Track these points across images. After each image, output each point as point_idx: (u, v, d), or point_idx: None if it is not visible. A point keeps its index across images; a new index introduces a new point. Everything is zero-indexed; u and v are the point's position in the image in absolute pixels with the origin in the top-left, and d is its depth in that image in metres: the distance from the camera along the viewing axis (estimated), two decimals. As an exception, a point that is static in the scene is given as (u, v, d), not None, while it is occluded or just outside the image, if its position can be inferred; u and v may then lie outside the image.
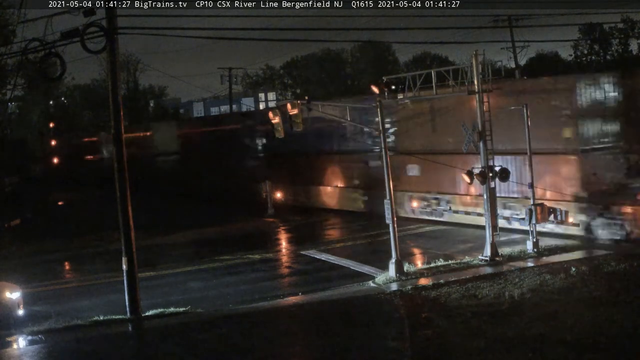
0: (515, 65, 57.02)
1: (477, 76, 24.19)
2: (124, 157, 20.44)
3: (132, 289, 20.24)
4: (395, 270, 22.60)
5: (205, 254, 29.21)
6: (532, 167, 25.38)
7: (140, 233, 21.81)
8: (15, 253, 31.77)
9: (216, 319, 19.55)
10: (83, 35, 18.62)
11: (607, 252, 23.88)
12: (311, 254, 27.97)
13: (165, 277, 25.59)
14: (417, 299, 20.18)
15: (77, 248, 33.12)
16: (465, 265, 23.55)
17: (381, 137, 23.62)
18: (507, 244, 25.96)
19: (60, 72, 20.28)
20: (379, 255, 25.29)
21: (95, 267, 28.00)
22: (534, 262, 23.42)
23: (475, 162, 25.21)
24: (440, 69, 26.30)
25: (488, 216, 24.26)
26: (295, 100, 25.14)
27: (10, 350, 18.11)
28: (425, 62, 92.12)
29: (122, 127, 20.53)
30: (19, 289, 20.46)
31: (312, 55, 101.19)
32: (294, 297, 21.69)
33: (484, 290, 20.09)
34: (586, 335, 15.72)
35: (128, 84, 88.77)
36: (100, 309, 20.73)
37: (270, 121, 24.21)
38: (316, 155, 40.30)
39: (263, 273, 25.48)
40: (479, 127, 24.27)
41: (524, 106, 25.50)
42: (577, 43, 78.23)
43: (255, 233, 34.73)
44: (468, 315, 17.88)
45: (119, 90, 20.56)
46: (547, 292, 19.44)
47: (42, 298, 22.84)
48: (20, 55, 20.08)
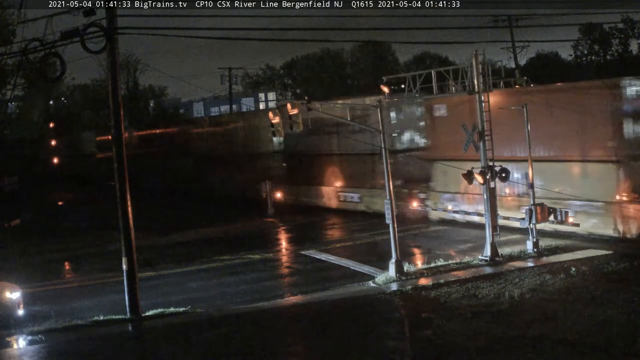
0: (515, 65, 57.04)
1: (477, 76, 24.19)
2: (124, 157, 20.44)
3: (132, 289, 20.24)
4: (395, 270, 22.61)
5: (205, 254, 29.21)
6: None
7: (140, 233, 21.81)
8: (15, 253, 31.75)
9: (216, 319, 19.55)
10: (83, 35, 18.61)
11: (607, 252, 23.88)
12: (311, 254, 27.98)
13: (165, 277, 25.59)
14: (417, 299, 20.18)
15: (77, 248, 33.11)
16: (465, 265, 23.56)
17: (381, 137, 23.62)
18: (507, 244, 25.96)
19: (60, 72, 20.26)
20: (380, 254, 25.33)
21: (95, 267, 27.99)
22: (534, 262, 23.43)
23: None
24: (440, 69, 26.31)
25: (488, 216, 24.26)
26: (295, 100, 25.15)
27: (10, 350, 18.10)
28: (425, 62, 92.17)
29: (122, 127, 20.54)
30: (19, 289, 20.46)
31: (312, 55, 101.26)
32: (294, 297, 21.70)
33: (484, 290, 20.10)
34: (586, 335, 15.73)
35: (128, 84, 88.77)
36: (100, 309, 20.73)
37: (270, 121, 24.23)
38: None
39: (263, 273, 25.48)
40: (479, 128, 24.29)
41: (524, 106, 25.51)
42: (577, 43, 78.23)
43: (256, 233, 34.75)
44: (468, 315, 17.88)
45: (119, 90, 20.56)
46: (547, 292, 19.45)
47: (42, 298, 22.83)
48: (20, 55, 20.02)
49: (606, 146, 26.02)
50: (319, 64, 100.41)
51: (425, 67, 61.68)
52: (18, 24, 26.06)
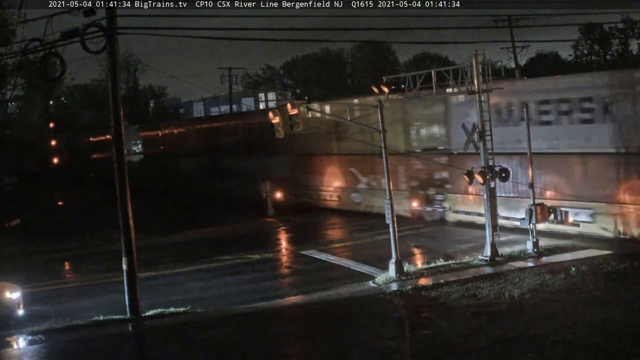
0: (516, 65, 57.11)
1: (477, 76, 24.19)
2: (124, 157, 20.44)
3: (132, 289, 20.24)
4: (395, 270, 22.61)
5: (205, 254, 29.21)
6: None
7: (140, 233, 21.81)
8: (15, 253, 31.75)
9: (216, 319, 19.55)
10: (83, 35, 18.61)
11: (607, 252, 23.88)
12: (311, 254, 27.98)
13: (165, 277, 25.59)
14: (417, 299, 20.18)
15: (77, 248, 33.11)
16: (465, 265, 23.56)
17: (381, 137, 23.62)
18: (507, 244, 25.96)
19: (60, 72, 20.28)
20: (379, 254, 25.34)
21: (95, 267, 27.98)
22: (534, 262, 23.43)
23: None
24: (440, 69, 26.30)
25: (488, 216, 24.26)
26: (295, 100, 25.14)
27: (10, 350, 18.09)
28: (425, 62, 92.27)
29: (122, 127, 20.53)
30: (19, 289, 20.46)
31: (312, 55, 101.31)
32: (294, 297, 21.69)
33: (484, 290, 20.10)
34: (586, 335, 15.73)
35: (128, 84, 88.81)
36: (100, 309, 20.72)
37: (271, 121, 24.21)
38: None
39: (263, 273, 25.48)
40: (479, 127, 24.29)
41: (524, 106, 25.52)
42: (577, 43, 78.31)
43: (256, 233, 34.76)
44: (468, 315, 17.89)
45: (119, 90, 20.56)
46: (547, 292, 19.45)
47: (42, 298, 22.83)
48: (20, 55, 20.03)
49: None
50: (319, 64, 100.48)
51: (425, 67, 61.69)
52: (18, 24, 26.10)
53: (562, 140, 27.27)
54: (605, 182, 25.93)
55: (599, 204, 25.90)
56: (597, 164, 26.33)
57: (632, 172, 25.23)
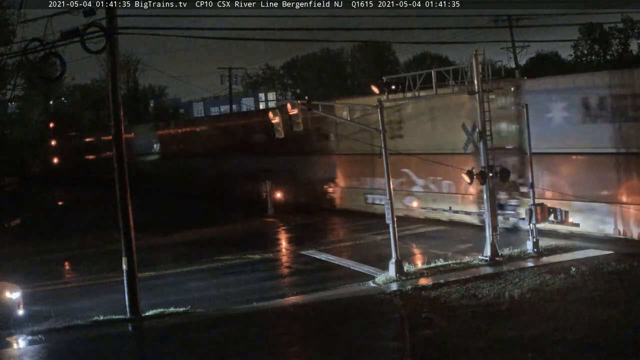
0: (515, 65, 57.07)
1: (477, 76, 24.19)
2: (124, 157, 20.44)
3: (132, 289, 20.23)
4: (395, 270, 22.60)
5: (205, 254, 29.21)
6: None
7: (140, 233, 21.81)
8: (15, 253, 31.74)
9: (216, 319, 19.54)
10: (83, 35, 18.60)
11: (607, 252, 23.88)
12: (311, 254, 27.98)
13: (165, 277, 25.59)
14: (417, 299, 20.17)
15: (77, 248, 33.10)
16: (465, 265, 23.55)
17: (381, 137, 23.62)
18: (506, 244, 25.93)
19: (60, 72, 20.26)
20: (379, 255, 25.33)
21: (95, 267, 27.96)
22: (534, 262, 23.42)
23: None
24: (440, 69, 26.29)
25: (488, 216, 24.25)
26: (295, 101, 25.14)
27: (10, 350, 18.09)
28: (425, 62, 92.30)
29: (122, 127, 20.53)
30: (19, 289, 20.45)
31: (312, 55, 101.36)
32: (294, 297, 21.69)
33: (484, 290, 20.09)
34: (586, 335, 15.72)
35: (128, 84, 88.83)
36: (100, 309, 20.71)
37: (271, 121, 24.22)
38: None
39: (263, 273, 25.47)
40: (479, 127, 24.28)
41: (524, 106, 25.51)
42: (577, 43, 78.34)
43: (256, 233, 34.76)
44: (468, 315, 17.88)
45: (119, 90, 20.56)
46: (547, 292, 19.44)
47: (42, 298, 22.82)
48: (20, 55, 20.02)
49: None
50: (319, 64, 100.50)
51: (425, 67, 61.68)
52: (18, 24, 26.05)
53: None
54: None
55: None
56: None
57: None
